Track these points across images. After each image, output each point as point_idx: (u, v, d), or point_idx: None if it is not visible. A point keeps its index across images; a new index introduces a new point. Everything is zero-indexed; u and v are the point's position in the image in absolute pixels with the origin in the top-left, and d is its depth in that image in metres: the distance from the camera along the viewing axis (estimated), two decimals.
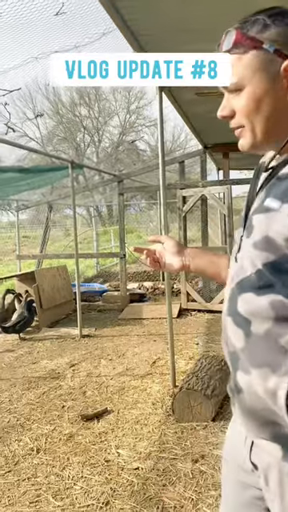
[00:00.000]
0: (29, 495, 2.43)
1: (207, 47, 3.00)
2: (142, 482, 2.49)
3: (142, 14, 2.65)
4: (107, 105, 27.00)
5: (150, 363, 4.46)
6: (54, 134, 26.01)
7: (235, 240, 0.99)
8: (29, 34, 4.39)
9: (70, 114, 26.25)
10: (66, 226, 19.05)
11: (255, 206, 0.92)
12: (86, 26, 4.15)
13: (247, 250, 0.90)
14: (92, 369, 4.43)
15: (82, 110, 26.40)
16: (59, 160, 6.83)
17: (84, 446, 2.93)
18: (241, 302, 0.90)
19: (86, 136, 26.69)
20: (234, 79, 0.89)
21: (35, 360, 4.86)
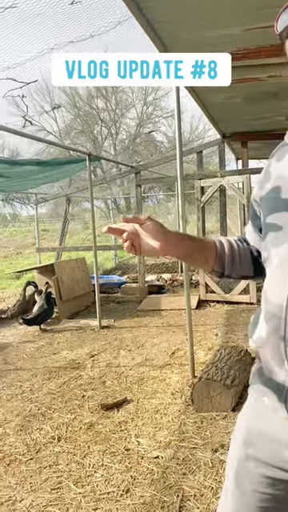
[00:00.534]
0: (50, 482, 2.47)
1: (222, 32, 2.96)
2: (162, 470, 2.51)
3: (157, 1, 2.61)
4: (124, 97, 26.89)
5: (169, 354, 4.47)
6: (71, 128, 26.09)
7: (285, 227, 0.92)
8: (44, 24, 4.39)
9: (87, 106, 26.26)
10: (84, 219, 19.15)
11: None
12: (101, 14, 4.12)
13: None
14: (111, 359, 4.47)
15: (99, 102, 26.38)
16: (77, 152, 6.86)
17: (104, 434, 2.96)
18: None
19: (103, 128, 26.69)
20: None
21: (55, 351, 4.92)
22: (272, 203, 0.96)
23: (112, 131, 27.03)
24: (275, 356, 0.93)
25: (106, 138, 27.11)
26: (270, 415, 0.99)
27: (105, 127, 26.78)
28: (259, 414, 1.03)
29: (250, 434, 1.04)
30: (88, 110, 26.19)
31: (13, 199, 21.11)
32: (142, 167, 7.09)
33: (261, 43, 3.27)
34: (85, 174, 10.13)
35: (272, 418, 0.98)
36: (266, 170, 1.05)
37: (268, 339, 0.94)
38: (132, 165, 7.39)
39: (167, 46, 3.22)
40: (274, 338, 0.92)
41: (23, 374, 4.22)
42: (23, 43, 4.90)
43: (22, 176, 6.01)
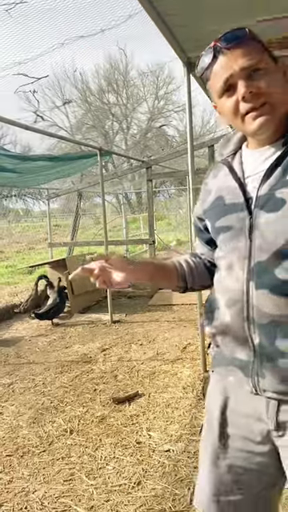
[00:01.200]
0: (63, 474, 2.50)
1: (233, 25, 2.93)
2: (173, 463, 2.52)
3: None
4: (135, 91, 26.82)
5: (181, 348, 4.48)
6: (82, 123, 26.11)
7: (233, 226, 1.07)
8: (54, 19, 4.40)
9: (99, 101, 26.24)
10: (95, 214, 19.19)
11: (271, 184, 1.01)
12: (111, 8, 4.11)
13: (276, 222, 0.98)
14: (123, 353, 4.49)
15: (110, 97, 26.35)
16: (88, 147, 6.87)
17: (116, 427, 2.98)
18: (281, 271, 0.98)
19: (114, 123, 26.66)
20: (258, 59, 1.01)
21: (67, 344, 4.96)
22: (218, 210, 1.12)
23: (123, 126, 26.99)
24: (239, 336, 1.05)
25: (117, 132, 27.08)
26: (238, 391, 1.11)
27: (116, 122, 26.75)
28: (227, 393, 1.15)
29: (224, 414, 1.15)
30: (99, 104, 26.19)
31: (25, 195, 21.26)
32: (153, 162, 7.07)
33: (272, 36, 3.22)
34: (96, 169, 10.15)
35: (240, 393, 1.11)
36: (205, 188, 1.23)
37: (233, 323, 1.06)
38: (143, 159, 7.38)
39: (178, 39, 3.19)
40: (238, 320, 1.05)
41: (36, 368, 4.26)
42: (34, 38, 4.92)
43: (34, 171, 6.05)
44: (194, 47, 3.37)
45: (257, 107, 1.00)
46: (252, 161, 1.09)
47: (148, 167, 6.76)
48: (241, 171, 1.10)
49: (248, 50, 1.00)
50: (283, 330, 0.98)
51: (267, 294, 0.99)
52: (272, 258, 0.99)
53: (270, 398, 1.05)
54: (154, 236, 7.14)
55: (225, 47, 1.01)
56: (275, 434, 1.06)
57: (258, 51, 1.02)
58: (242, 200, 1.05)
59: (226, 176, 1.13)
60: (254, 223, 1.02)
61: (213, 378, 1.22)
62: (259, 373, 1.04)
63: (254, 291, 1.01)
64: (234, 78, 1.00)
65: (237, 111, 1.02)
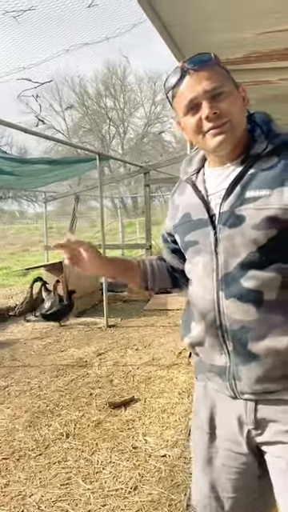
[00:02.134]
0: (59, 478, 2.51)
1: (237, 36, 2.96)
2: (170, 468, 2.54)
3: (171, 5, 2.64)
4: (133, 96, 26.96)
5: (176, 354, 4.50)
6: (79, 126, 26.17)
7: (200, 240, 1.14)
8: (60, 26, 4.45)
9: (96, 105, 26.33)
10: (91, 217, 19.19)
11: (231, 201, 1.08)
12: (117, 17, 4.17)
13: (238, 237, 1.06)
14: (118, 358, 4.50)
15: (107, 101, 26.46)
16: (85, 151, 6.90)
17: (112, 432, 2.99)
18: (246, 280, 1.06)
19: (111, 127, 26.75)
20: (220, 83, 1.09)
21: (63, 348, 4.97)
22: (186, 226, 1.20)
23: (120, 130, 27.11)
24: (215, 344, 1.13)
25: (114, 136, 27.18)
26: (221, 396, 1.18)
27: (113, 126, 26.85)
28: (212, 397, 1.22)
29: (212, 417, 1.22)
30: (96, 108, 26.27)
31: (20, 196, 21.23)
32: (150, 167, 7.11)
33: (274, 46, 3.28)
34: (93, 173, 10.18)
35: (222, 397, 1.18)
36: (173, 205, 1.31)
37: (207, 332, 1.14)
38: (141, 165, 7.42)
39: (181, 48, 3.23)
40: (212, 329, 1.12)
41: (31, 371, 4.26)
42: (40, 45, 4.96)
43: (32, 174, 6.06)
44: None
45: (219, 125, 1.07)
46: (213, 179, 1.17)
47: (146, 172, 6.80)
48: (204, 189, 1.17)
49: (213, 73, 1.08)
50: (254, 334, 1.06)
51: (236, 302, 1.07)
52: (237, 269, 1.07)
53: (247, 400, 1.12)
54: (151, 241, 7.17)
55: (191, 68, 1.08)
56: (254, 432, 1.13)
57: (222, 76, 1.10)
58: (207, 216, 1.13)
59: (192, 194, 1.20)
60: (219, 238, 1.10)
61: (197, 384, 1.29)
62: (235, 376, 1.10)
63: (223, 300, 1.09)
64: (198, 98, 1.07)
65: (199, 129, 1.10)
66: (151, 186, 7.98)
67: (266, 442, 1.12)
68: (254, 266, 1.05)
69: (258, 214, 1.04)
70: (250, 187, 1.07)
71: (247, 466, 1.17)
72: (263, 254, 1.05)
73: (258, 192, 1.05)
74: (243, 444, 1.15)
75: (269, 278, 1.05)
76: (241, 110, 1.11)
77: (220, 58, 3.36)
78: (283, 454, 1.09)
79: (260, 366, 1.07)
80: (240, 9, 2.72)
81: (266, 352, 1.06)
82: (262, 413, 1.11)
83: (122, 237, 11.58)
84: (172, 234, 1.31)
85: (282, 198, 1.02)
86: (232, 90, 1.10)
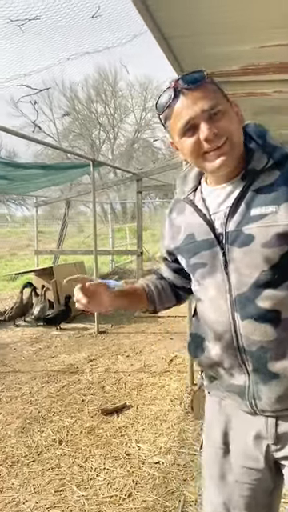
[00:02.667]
0: (53, 484, 2.51)
1: (235, 49, 3.02)
2: (163, 475, 2.55)
3: (172, 17, 2.69)
4: (123, 102, 27.08)
5: (168, 361, 4.52)
6: (69, 131, 26.16)
7: (208, 262, 1.11)
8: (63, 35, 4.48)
9: (86, 110, 26.36)
10: (79, 221, 19.16)
11: (237, 220, 1.06)
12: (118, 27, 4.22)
13: (249, 256, 1.04)
14: (110, 364, 4.50)
15: (98, 106, 26.52)
16: (77, 157, 6.90)
17: (105, 439, 2.99)
18: (261, 300, 1.04)
19: (101, 133, 26.80)
20: (215, 102, 1.05)
21: (53, 354, 4.95)
22: (190, 247, 1.16)
23: (110, 136, 27.17)
24: (234, 364, 1.11)
25: (104, 142, 27.23)
26: (238, 412, 1.16)
27: (103, 131, 26.89)
28: (228, 412, 1.20)
29: (226, 433, 1.20)
30: (87, 113, 26.31)
31: (8, 200, 21.09)
32: (143, 174, 7.16)
33: (271, 60, 3.35)
34: (84, 178, 10.20)
35: (239, 413, 1.16)
36: (171, 224, 1.26)
37: (224, 353, 1.12)
38: (134, 172, 7.46)
39: (180, 60, 3.29)
40: (230, 351, 1.10)
41: (22, 377, 4.24)
42: (42, 53, 4.99)
43: (25, 179, 6.05)
44: (192, 67, 3.46)
45: (219, 146, 1.04)
46: (214, 197, 1.13)
47: (138, 179, 6.84)
48: (205, 208, 1.14)
49: (207, 92, 1.04)
50: (273, 353, 1.05)
51: (253, 323, 1.05)
52: (251, 290, 1.05)
53: (268, 416, 1.11)
54: (142, 247, 7.20)
55: (185, 88, 1.03)
56: (274, 447, 1.12)
57: (216, 94, 1.06)
58: (212, 236, 1.10)
59: (193, 214, 1.16)
60: (228, 258, 1.07)
61: (211, 400, 1.26)
62: (255, 396, 1.09)
63: (239, 322, 1.07)
64: (195, 119, 1.03)
65: (198, 150, 1.06)
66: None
67: (287, 456, 1.12)
68: (269, 285, 1.03)
69: (268, 231, 1.02)
70: (254, 204, 1.05)
71: (261, 482, 1.16)
72: (276, 272, 1.03)
73: (265, 209, 1.03)
74: (260, 459, 1.14)
75: (285, 296, 1.03)
76: (238, 127, 1.08)
77: (218, 69, 3.43)
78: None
79: (280, 385, 1.06)
80: (238, 23, 2.78)
81: (286, 371, 1.05)
82: (283, 428, 1.10)
83: (113, 243, 11.59)
84: (173, 253, 1.28)
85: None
86: (227, 107, 1.07)
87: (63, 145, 22.50)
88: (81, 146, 25.06)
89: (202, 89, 1.04)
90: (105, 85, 26.33)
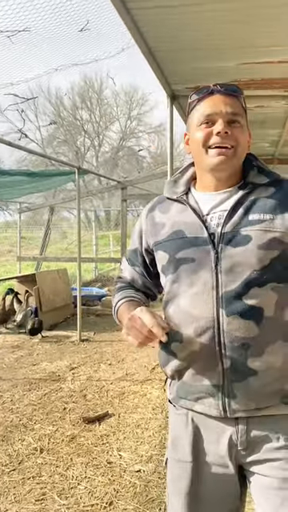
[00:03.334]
0: (34, 493, 2.50)
1: (219, 65, 3.14)
2: (144, 484, 2.57)
3: (158, 32, 2.75)
4: (108, 110, 27.18)
5: (150, 369, 4.55)
6: (54, 137, 26.10)
7: (197, 258, 1.15)
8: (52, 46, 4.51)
9: (72, 117, 26.38)
10: (62, 228, 19.06)
11: (235, 222, 1.14)
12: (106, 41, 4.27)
13: (244, 256, 1.11)
14: (92, 373, 4.51)
15: (83, 113, 26.56)
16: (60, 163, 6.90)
17: (86, 447, 3.00)
18: (248, 297, 1.11)
19: (86, 140, 26.82)
20: (240, 112, 1.19)
21: (35, 362, 4.92)
22: (178, 243, 1.20)
23: (95, 143, 27.19)
24: (209, 363, 1.13)
25: (89, 149, 27.24)
26: (206, 420, 1.18)
27: (88, 138, 26.91)
28: (196, 423, 1.20)
29: (195, 444, 1.19)
30: (72, 120, 26.31)
31: None
32: (128, 183, 7.22)
33: (253, 76, 3.45)
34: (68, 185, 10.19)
35: (208, 421, 1.18)
36: (152, 222, 1.29)
37: (202, 351, 1.13)
38: (119, 180, 7.51)
39: (166, 75, 3.36)
40: (210, 346, 1.12)
41: (3, 384, 4.21)
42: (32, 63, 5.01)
43: (8, 185, 6.04)
44: (177, 81, 3.56)
45: (224, 146, 1.15)
46: (206, 201, 1.21)
47: (123, 187, 6.89)
48: (199, 209, 1.21)
49: (236, 102, 1.19)
50: (253, 350, 1.10)
51: (238, 319, 1.10)
52: (240, 287, 1.11)
53: (238, 419, 1.14)
54: None
55: (222, 90, 1.18)
56: (243, 452, 1.15)
57: (242, 110, 1.20)
58: (206, 235, 1.16)
59: (183, 212, 1.22)
60: (220, 256, 1.13)
61: (175, 412, 1.25)
62: (230, 394, 1.12)
63: (224, 318, 1.11)
64: (217, 115, 1.16)
65: (206, 142, 1.17)
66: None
67: (255, 460, 1.14)
68: (256, 284, 1.11)
69: (265, 235, 1.12)
70: (253, 211, 1.15)
71: (232, 488, 1.18)
72: (264, 273, 1.11)
73: (263, 216, 1.14)
74: (230, 466, 1.16)
75: (267, 295, 1.12)
76: (245, 145, 1.21)
77: (202, 83, 3.54)
78: (272, 471, 1.12)
79: (257, 382, 1.11)
80: (223, 41, 2.87)
81: (264, 367, 1.11)
82: (254, 432, 1.14)
83: (96, 250, 11.59)
84: (150, 251, 1.30)
85: (283, 223, 1.13)
86: (245, 125, 1.20)
87: (48, 151, 22.45)
88: (65, 153, 25.02)
89: (233, 98, 1.18)
90: (90, 92, 26.43)
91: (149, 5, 2.37)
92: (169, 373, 1.23)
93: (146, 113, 26.71)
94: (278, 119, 4.60)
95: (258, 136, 5.38)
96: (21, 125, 5.75)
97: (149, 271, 1.35)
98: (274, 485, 1.11)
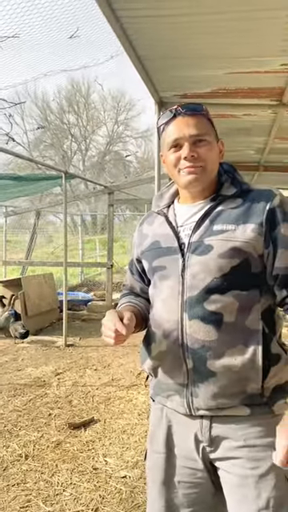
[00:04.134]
0: (19, 500, 2.48)
1: (206, 73, 3.18)
2: (130, 489, 2.57)
3: (147, 41, 2.78)
4: (96, 114, 27.19)
5: (136, 374, 4.54)
6: (40, 140, 25.99)
7: (168, 266, 1.24)
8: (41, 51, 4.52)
9: (58, 120, 26.31)
10: (48, 232, 18.93)
11: (201, 233, 1.21)
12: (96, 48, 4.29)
13: (205, 264, 1.18)
14: (77, 378, 4.49)
15: (70, 117, 26.52)
16: (47, 167, 6.88)
17: (72, 453, 2.98)
18: (209, 303, 1.17)
19: (73, 144, 26.76)
20: (205, 131, 1.24)
21: (20, 367, 4.88)
22: (154, 252, 1.30)
23: (82, 147, 27.15)
24: (175, 363, 1.21)
25: (76, 153, 27.18)
26: (177, 416, 1.26)
27: (75, 142, 26.86)
28: (169, 418, 1.29)
29: (169, 437, 1.29)
30: (59, 124, 26.24)
31: None
32: (115, 188, 7.23)
33: (240, 85, 3.50)
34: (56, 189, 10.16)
35: (178, 417, 1.26)
36: (140, 234, 1.40)
37: (169, 351, 1.22)
38: (106, 185, 7.52)
39: (154, 82, 3.39)
40: (174, 347, 1.21)
41: None
42: (21, 68, 5.00)
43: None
44: (165, 88, 3.60)
45: (193, 167, 1.22)
46: (183, 213, 1.30)
47: (110, 192, 6.90)
48: (174, 221, 1.30)
49: (200, 122, 1.24)
50: (212, 352, 1.16)
51: (199, 323, 1.17)
52: (201, 293, 1.18)
53: (203, 417, 1.21)
54: (113, 260, 7.23)
55: (184, 112, 1.23)
56: (208, 449, 1.22)
57: (207, 126, 1.26)
58: (176, 245, 1.25)
59: (162, 224, 1.32)
60: (186, 264, 1.21)
61: (154, 407, 1.36)
62: (193, 393, 1.20)
63: (187, 321, 1.19)
64: (182, 139, 1.23)
65: (176, 165, 1.25)
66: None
67: (219, 458, 1.21)
68: (217, 291, 1.17)
69: (225, 244, 1.17)
70: (217, 222, 1.21)
71: (202, 481, 1.25)
72: (225, 280, 1.17)
73: (225, 226, 1.20)
74: (198, 460, 1.24)
75: (228, 302, 1.17)
76: (215, 160, 1.27)
77: (191, 91, 3.57)
78: (234, 469, 1.19)
79: (216, 383, 1.17)
80: (211, 51, 2.91)
81: (223, 370, 1.16)
82: (216, 430, 1.21)
83: (82, 254, 11.55)
84: (140, 260, 1.39)
85: (244, 234, 1.17)
86: (212, 141, 1.26)
87: (34, 154, 22.33)
88: (52, 157, 24.92)
89: (196, 118, 1.24)
90: (77, 96, 26.41)
91: (138, 14, 2.40)
92: (146, 370, 1.33)
93: (133, 118, 26.82)
94: (263, 127, 4.66)
95: (244, 143, 5.44)
96: (8, 129, 5.68)
97: (143, 278, 1.43)
98: (235, 482, 1.18)
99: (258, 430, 1.18)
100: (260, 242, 1.17)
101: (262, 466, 1.16)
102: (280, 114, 4.08)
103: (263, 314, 1.20)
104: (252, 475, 1.16)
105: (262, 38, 2.67)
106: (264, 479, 1.15)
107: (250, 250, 1.17)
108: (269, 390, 1.19)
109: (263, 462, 1.16)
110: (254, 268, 1.19)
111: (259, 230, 1.17)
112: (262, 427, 1.18)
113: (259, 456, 1.17)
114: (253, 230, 1.17)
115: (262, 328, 1.18)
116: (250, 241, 1.17)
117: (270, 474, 1.15)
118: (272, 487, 1.15)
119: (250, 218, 1.19)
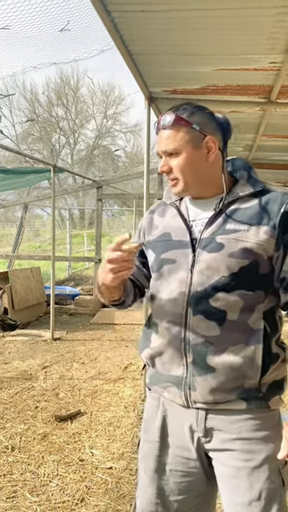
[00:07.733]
0: (5, 491, 2.50)
1: (196, 70, 3.21)
2: (116, 480, 2.60)
3: (137, 36, 2.79)
4: (85, 107, 27.01)
5: (122, 368, 4.58)
6: (28, 133, 25.75)
7: (178, 260, 1.24)
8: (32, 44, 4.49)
9: (47, 113, 26.08)
10: (35, 225, 18.83)
11: (213, 230, 1.21)
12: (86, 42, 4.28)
13: (215, 261, 1.18)
14: (64, 371, 4.50)
15: (58, 110, 26.31)
16: (35, 161, 6.84)
17: (58, 445, 3.01)
18: (214, 300, 1.19)
19: (61, 137, 26.57)
20: (173, 146, 1.21)
21: (7, 360, 4.88)
22: (164, 244, 1.30)
23: (70, 141, 26.97)
24: (175, 355, 1.24)
25: (64, 146, 27.00)
26: (173, 406, 1.28)
27: (63, 136, 26.68)
28: (165, 407, 1.31)
29: (163, 426, 1.31)
30: (47, 117, 26.02)
31: None
32: (103, 182, 7.22)
33: (229, 82, 3.53)
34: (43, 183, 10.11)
35: (175, 407, 1.28)
36: (150, 222, 1.39)
37: (170, 343, 1.24)
38: (94, 179, 7.50)
39: (144, 77, 3.40)
40: (176, 340, 1.23)
41: None
42: (10, 61, 4.96)
43: None
44: (155, 84, 3.61)
45: (171, 179, 1.25)
46: (195, 208, 1.29)
47: (99, 187, 6.90)
48: (187, 215, 1.29)
49: (172, 134, 1.21)
50: (213, 348, 1.19)
51: (202, 319, 1.19)
52: (208, 290, 1.19)
53: (199, 409, 1.23)
54: (100, 254, 7.24)
55: (161, 127, 1.23)
56: (204, 439, 1.25)
57: (181, 135, 1.20)
58: (188, 239, 1.25)
59: (174, 217, 1.31)
60: (196, 259, 1.21)
61: (150, 396, 1.38)
62: (191, 386, 1.22)
63: (191, 316, 1.21)
64: (161, 154, 1.25)
65: None
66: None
67: (214, 448, 1.24)
68: (223, 289, 1.18)
69: (237, 244, 1.18)
70: (231, 220, 1.21)
71: (194, 470, 1.27)
72: (233, 279, 1.17)
73: (238, 226, 1.19)
74: (192, 450, 1.26)
75: (233, 301, 1.18)
76: (196, 166, 1.22)
77: (180, 87, 3.59)
78: (228, 461, 1.21)
79: (215, 378, 1.19)
80: (200, 47, 2.94)
81: (222, 366, 1.18)
82: (211, 422, 1.23)
83: (70, 249, 11.52)
84: (145, 247, 1.38)
85: (257, 235, 1.17)
86: (187, 149, 1.20)
87: (22, 147, 22.15)
88: (40, 150, 24.72)
89: (171, 129, 1.21)
90: (66, 89, 26.20)
91: (129, 8, 2.41)
92: (144, 359, 1.34)
93: (122, 112, 26.71)
94: (252, 124, 4.71)
95: (233, 140, 5.50)
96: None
97: (145, 262, 1.40)
98: (230, 473, 1.21)
99: (253, 424, 1.21)
100: (271, 245, 1.18)
101: (255, 458, 1.19)
102: (268, 112, 4.13)
103: (266, 314, 1.21)
104: (245, 467, 1.19)
105: (251, 36, 2.70)
106: (257, 471, 1.18)
107: (261, 252, 1.17)
108: (266, 386, 1.22)
109: (257, 455, 1.19)
110: (262, 269, 1.19)
111: (272, 233, 1.17)
112: (258, 421, 1.21)
113: (253, 449, 1.19)
114: (265, 233, 1.17)
115: (263, 328, 1.20)
116: (261, 243, 1.17)
117: (263, 467, 1.18)
118: (265, 479, 1.17)
119: (264, 219, 1.18)
